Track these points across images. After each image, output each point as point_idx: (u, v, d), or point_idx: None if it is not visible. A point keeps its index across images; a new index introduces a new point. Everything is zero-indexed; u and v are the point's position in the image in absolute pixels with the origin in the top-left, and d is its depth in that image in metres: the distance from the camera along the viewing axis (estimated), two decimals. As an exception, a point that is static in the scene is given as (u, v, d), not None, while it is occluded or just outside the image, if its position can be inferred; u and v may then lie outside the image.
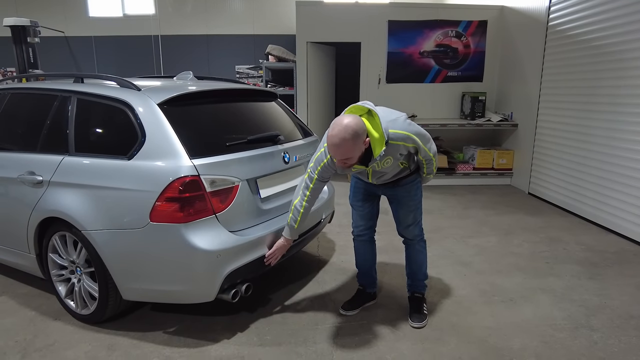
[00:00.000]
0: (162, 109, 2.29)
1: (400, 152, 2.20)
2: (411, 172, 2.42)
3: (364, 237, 2.65)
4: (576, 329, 2.50)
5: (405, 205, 2.47)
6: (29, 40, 6.89)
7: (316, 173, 2.29)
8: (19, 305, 2.77)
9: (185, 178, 2.12)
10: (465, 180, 5.95)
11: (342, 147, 2.01)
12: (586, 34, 4.42)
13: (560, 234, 4.07)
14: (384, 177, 2.37)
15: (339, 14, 6.15)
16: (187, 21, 8.50)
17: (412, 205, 2.48)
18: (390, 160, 2.21)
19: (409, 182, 2.43)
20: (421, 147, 2.24)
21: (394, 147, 2.14)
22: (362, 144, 2.06)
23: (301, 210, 2.35)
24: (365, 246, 2.68)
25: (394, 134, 2.11)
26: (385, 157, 2.16)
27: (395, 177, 2.40)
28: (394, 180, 2.42)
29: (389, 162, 2.22)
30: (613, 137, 4.07)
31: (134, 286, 2.31)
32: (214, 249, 2.16)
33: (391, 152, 2.16)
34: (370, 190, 2.55)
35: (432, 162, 2.38)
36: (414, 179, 2.45)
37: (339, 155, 2.06)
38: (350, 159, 2.09)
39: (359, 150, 2.07)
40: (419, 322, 2.52)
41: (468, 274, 3.23)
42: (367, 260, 2.72)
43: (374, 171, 2.30)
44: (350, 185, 2.64)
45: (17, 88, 2.98)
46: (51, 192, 2.46)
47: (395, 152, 2.17)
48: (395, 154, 2.18)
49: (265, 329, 2.49)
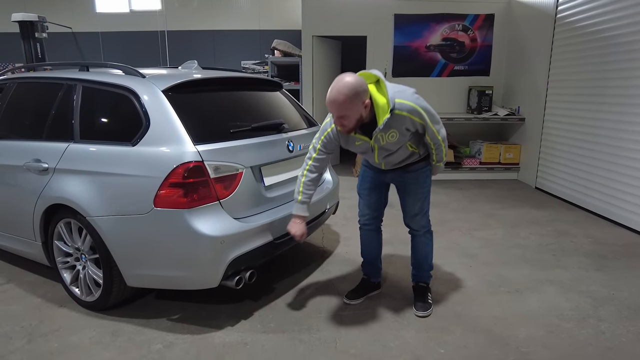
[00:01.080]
0: (166, 95, 2.29)
1: (406, 127, 2.13)
2: (421, 157, 2.38)
3: (369, 227, 2.63)
4: (583, 320, 2.47)
5: (412, 192, 2.44)
6: (36, 35, 6.94)
7: (320, 143, 2.27)
8: (25, 293, 2.78)
9: (189, 164, 2.12)
10: (471, 174, 5.90)
11: (339, 101, 1.98)
12: (595, 25, 4.36)
13: (568, 227, 4.03)
14: (392, 158, 2.31)
15: (345, 8, 6.13)
16: (193, 17, 8.52)
17: (420, 193, 2.44)
18: (396, 135, 2.15)
19: (418, 168, 2.40)
20: (429, 125, 2.17)
21: (400, 118, 2.09)
22: (361, 104, 2.01)
23: (302, 180, 2.29)
24: (371, 235, 2.66)
25: (400, 103, 2.06)
26: (390, 129, 2.12)
27: (404, 162, 2.36)
28: (402, 165, 2.38)
29: (394, 137, 2.16)
30: (622, 130, 4.02)
31: (138, 272, 2.31)
32: (218, 235, 2.15)
33: (396, 125, 2.11)
34: (378, 178, 2.51)
35: (442, 147, 2.32)
36: (423, 166, 2.41)
37: (335, 111, 2.03)
38: (347, 119, 2.05)
39: (357, 111, 2.02)
40: (424, 311, 2.50)
41: (474, 265, 3.20)
42: (372, 250, 2.70)
43: (380, 148, 2.23)
44: (359, 173, 2.62)
45: (23, 78, 2.99)
46: (56, 179, 2.47)
47: (401, 125, 2.11)
48: (400, 127, 2.12)
49: (269, 317, 2.49)
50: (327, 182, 3.19)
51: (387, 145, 2.22)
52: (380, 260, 2.76)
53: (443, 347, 2.21)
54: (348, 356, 2.14)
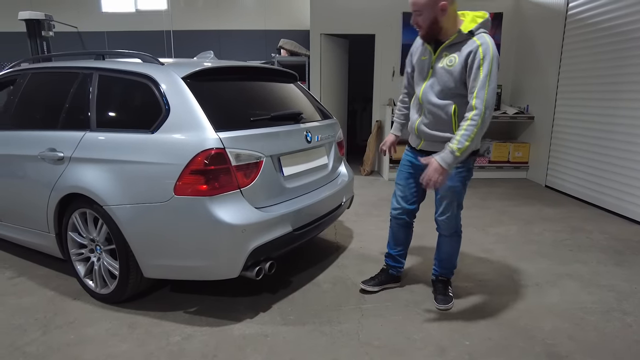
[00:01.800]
0: (186, 83, 2.26)
1: (469, 53, 2.05)
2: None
3: (400, 220, 2.56)
4: (608, 313, 2.43)
5: (443, 188, 2.29)
6: (43, 34, 6.92)
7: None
8: (37, 286, 2.74)
9: (210, 151, 2.08)
10: (480, 173, 5.87)
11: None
12: (608, 21, 4.35)
13: (582, 224, 3.99)
14: (432, 105, 2.21)
15: (353, 6, 6.12)
16: (199, 16, 8.52)
17: (449, 192, 2.31)
18: (455, 60, 2.10)
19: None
20: (479, 75, 2.02)
21: (470, 44, 2.06)
22: (437, 7, 2.03)
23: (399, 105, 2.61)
24: (400, 229, 2.60)
25: (481, 35, 2.06)
26: (455, 51, 2.11)
27: (438, 126, 2.23)
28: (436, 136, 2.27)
29: (453, 62, 2.11)
30: (636, 126, 3.99)
31: (156, 263, 2.27)
32: (239, 224, 2.11)
33: (463, 50, 2.08)
34: (416, 163, 2.38)
35: (469, 116, 2.04)
36: (461, 165, 2.25)
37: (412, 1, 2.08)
38: (421, 16, 2.08)
39: (431, 8, 2.04)
40: (445, 304, 2.46)
41: (491, 260, 3.16)
42: (399, 244, 2.64)
43: (434, 73, 2.19)
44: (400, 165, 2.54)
45: (38, 68, 2.96)
46: (72, 169, 2.43)
47: (467, 52, 2.06)
48: (462, 55, 2.08)
49: (288, 309, 2.44)
50: (342, 175, 3.16)
51: (441, 72, 2.17)
52: (404, 255, 2.69)
53: (467, 339, 2.17)
54: (372, 348, 2.09)
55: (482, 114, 2.03)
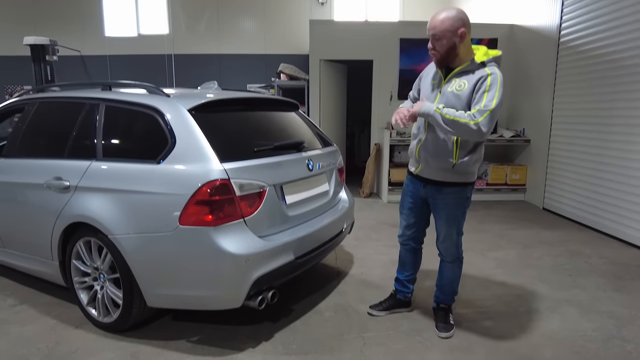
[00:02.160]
0: (191, 114, 2.32)
1: (477, 83, 2.16)
2: (454, 167, 2.29)
3: (407, 246, 2.64)
4: (608, 340, 2.44)
5: (442, 216, 2.40)
6: (47, 58, 7.05)
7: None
8: (39, 314, 2.74)
9: (216, 181, 2.13)
10: (478, 195, 5.92)
11: (440, 18, 2.16)
12: (599, 49, 4.48)
13: (580, 248, 4.03)
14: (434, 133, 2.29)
15: (352, 33, 6.28)
16: (200, 41, 8.69)
17: (449, 218, 2.38)
18: (464, 86, 2.19)
19: (452, 192, 2.35)
20: (484, 96, 2.11)
21: (480, 73, 2.17)
22: (456, 30, 2.13)
23: None
24: (407, 254, 2.67)
25: (492, 67, 2.18)
26: (465, 76, 2.20)
27: (440, 154, 2.29)
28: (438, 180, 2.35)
29: (463, 87, 2.20)
30: (629, 151, 4.07)
31: (160, 292, 2.29)
32: (243, 253, 2.14)
33: (473, 77, 2.18)
34: (417, 193, 2.47)
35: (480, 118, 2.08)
36: (457, 191, 2.35)
37: (433, 28, 2.18)
38: (439, 42, 2.17)
39: (451, 35, 2.14)
40: (446, 332, 2.47)
41: (490, 286, 3.18)
42: (407, 269, 2.69)
43: (442, 95, 2.26)
44: (402, 193, 2.61)
45: (45, 97, 3.03)
46: (78, 197, 2.47)
47: (476, 79, 2.17)
48: (471, 81, 2.18)
49: (290, 339, 2.45)
50: (343, 201, 3.20)
51: (449, 95, 2.24)
52: (413, 280, 2.73)
53: (470, 369, 2.18)
54: (375, 378, 2.10)
55: (485, 115, 2.08)
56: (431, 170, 2.37)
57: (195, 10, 8.62)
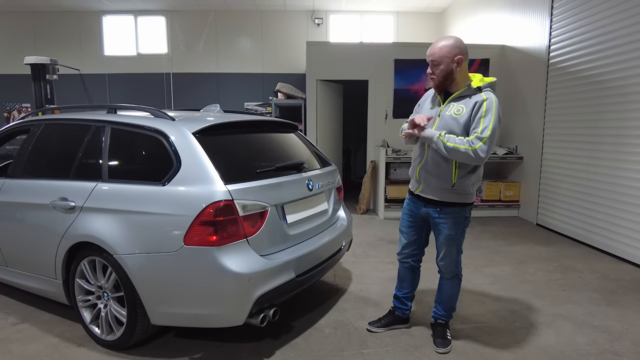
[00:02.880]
0: (195, 137, 2.40)
1: (473, 108, 2.27)
2: (454, 188, 2.38)
3: (406, 264, 2.71)
4: (601, 354, 2.51)
5: (441, 234, 2.48)
6: (47, 77, 7.15)
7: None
8: (41, 332, 2.76)
9: (220, 202, 2.20)
10: (473, 212, 5.92)
11: (438, 46, 2.31)
12: (587, 70, 4.64)
13: (573, 263, 4.11)
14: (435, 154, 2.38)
15: (348, 54, 6.44)
16: (198, 60, 8.85)
17: (449, 237, 2.46)
18: (462, 110, 2.30)
19: (451, 212, 2.44)
20: (481, 121, 2.22)
21: (476, 98, 2.28)
22: (453, 57, 2.27)
23: None
24: (406, 272, 2.73)
25: (488, 92, 2.30)
26: (462, 102, 2.32)
27: (439, 175, 2.39)
28: (436, 200, 2.43)
29: (460, 112, 2.30)
30: (619, 168, 4.20)
31: (164, 310, 2.33)
32: (246, 272, 2.20)
33: (470, 103, 2.30)
34: (416, 212, 2.56)
35: (470, 149, 2.21)
36: (456, 212, 2.44)
37: (432, 54, 2.32)
38: (437, 67, 2.31)
39: (448, 61, 2.27)
40: (444, 348, 2.53)
41: (486, 301, 3.24)
42: (405, 287, 2.76)
43: (441, 119, 2.37)
44: (402, 212, 2.70)
45: (51, 119, 3.11)
46: (83, 218, 2.52)
47: (472, 105, 2.28)
48: (468, 106, 2.29)
49: (291, 355, 2.49)
50: (341, 219, 3.28)
51: (448, 119, 2.35)
52: (411, 298, 2.79)
53: (467, 384, 2.23)
54: (375, 394, 2.14)
55: (483, 141, 2.21)
56: (431, 190, 2.47)
57: (193, 30, 8.81)
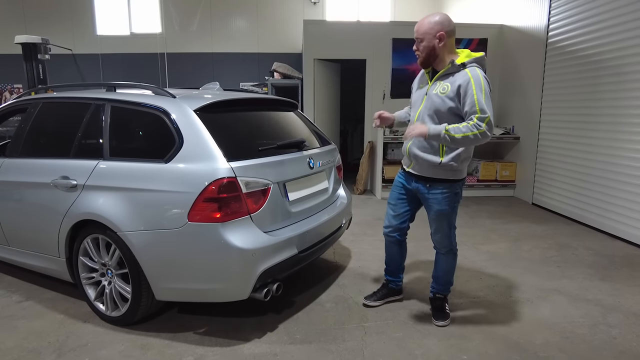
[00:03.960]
0: (197, 115, 2.40)
1: (458, 86, 2.28)
2: (442, 164, 2.40)
3: (392, 238, 2.75)
4: (594, 326, 2.59)
5: (432, 210, 2.52)
6: (39, 57, 7.03)
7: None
8: (46, 309, 2.80)
9: (223, 180, 2.21)
10: (469, 192, 6.08)
11: (423, 22, 2.35)
12: (585, 49, 4.64)
13: (568, 240, 4.19)
14: (427, 121, 2.41)
15: (345, 33, 6.37)
16: (193, 39, 8.71)
17: (440, 213, 2.49)
18: (447, 88, 2.33)
19: (441, 189, 2.46)
20: (475, 103, 2.21)
21: (461, 76, 2.30)
22: (436, 33, 2.30)
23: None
24: (394, 246, 2.78)
25: (473, 68, 2.30)
26: (447, 80, 2.35)
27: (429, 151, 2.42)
28: (427, 177, 2.47)
29: (446, 90, 2.33)
30: (615, 147, 4.24)
31: (169, 286, 2.37)
32: (250, 248, 2.24)
33: (453, 81, 2.32)
34: (407, 185, 2.60)
35: (474, 118, 2.22)
36: (446, 187, 2.46)
37: (416, 28, 2.36)
38: (421, 43, 2.36)
39: (431, 37, 2.31)
40: (443, 321, 2.60)
41: (483, 277, 3.31)
42: (394, 260, 2.81)
43: (428, 98, 2.41)
44: (392, 186, 2.73)
45: (49, 97, 3.08)
46: (86, 196, 2.53)
47: (455, 82, 2.30)
48: (454, 85, 2.31)
49: (293, 329, 2.55)
50: (341, 197, 3.31)
51: (434, 97, 2.39)
52: (402, 269, 2.86)
53: (465, 354, 2.30)
54: (377, 364, 2.21)
55: (482, 123, 2.22)
56: (421, 168, 2.51)
57: (187, 9, 8.64)
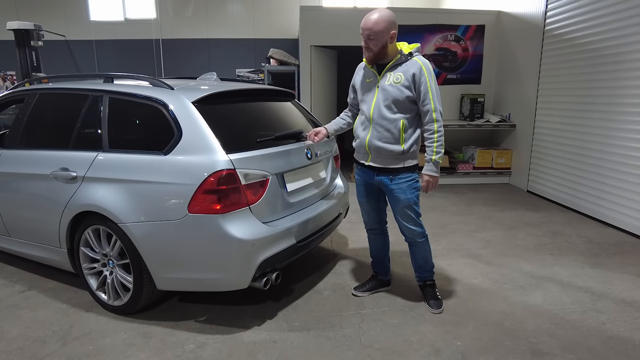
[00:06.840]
0: (195, 106, 2.41)
1: (413, 72, 2.37)
2: (404, 152, 2.46)
3: (374, 231, 2.83)
4: (584, 312, 2.66)
5: (397, 201, 2.54)
6: (32, 43, 6.94)
7: (350, 87, 2.71)
8: (49, 299, 2.85)
9: (222, 172, 2.24)
10: (465, 179, 6.13)
11: (375, 19, 2.35)
12: (582, 37, 4.64)
13: (562, 228, 4.26)
14: (382, 120, 2.45)
15: (342, 19, 6.32)
16: (188, 25, 8.61)
17: (404, 201, 2.52)
18: (401, 78, 2.39)
19: (403, 178, 2.50)
20: (428, 90, 2.37)
21: (412, 64, 2.40)
22: (388, 31, 2.36)
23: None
24: (376, 238, 2.85)
25: (419, 56, 2.44)
26: (398, 70, 2.42)
27: (387, 142, 2.45)
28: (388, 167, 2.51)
29: (399, 80, 2.40)
30: (609, 136, 4.28)
31: (170, 276, 2.41)
32: (249, 239, 2.28)
33: (405, 70, 2.40)
34: (369, 181, 2.63)
35: (434, 128, 2.40)
36: (408, 177, 2.51)
37: (368, 29, 2.36)
38: (373, 41, 2.37)
39: (384, 35, 2.36)
40: (438, 308, 2.67)
41: (478, 264, 3.38)
42: (379, 251, 2.88)
43: (381, 90, 2.45)
44: (355, 184, 2.78)
45: (46, 88, 3.07)
46: (86, 187, 2.55)
47: (410, 70, 2.39)
48: (407, 74, 2.39)
49: (292, 316, 2.61)
50: (338, 187, 3.34)
51: (388, 89, 2.43)
52: (388, 259, 2.92)
53: (459, 340, 2.38)
54: (373, 350, 2.28)
55: (441, 124, 2.44)
56: (382, 159, 2.53)
57: (182, -6, 8.51)
